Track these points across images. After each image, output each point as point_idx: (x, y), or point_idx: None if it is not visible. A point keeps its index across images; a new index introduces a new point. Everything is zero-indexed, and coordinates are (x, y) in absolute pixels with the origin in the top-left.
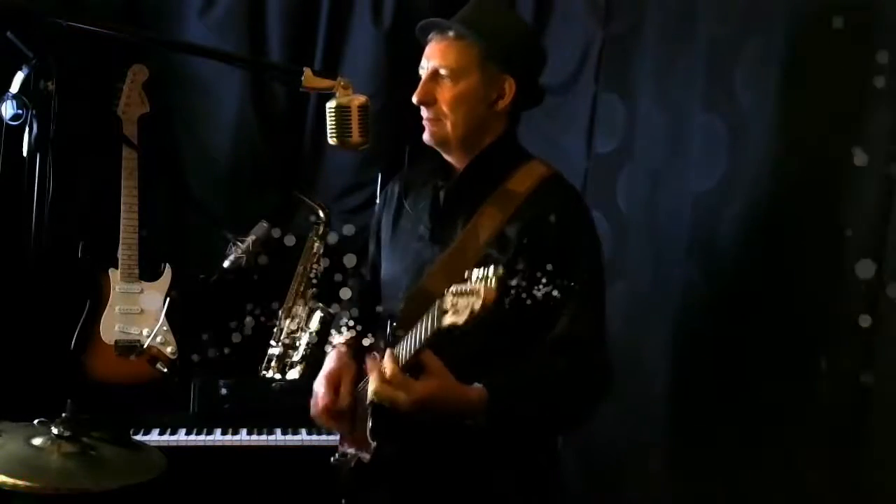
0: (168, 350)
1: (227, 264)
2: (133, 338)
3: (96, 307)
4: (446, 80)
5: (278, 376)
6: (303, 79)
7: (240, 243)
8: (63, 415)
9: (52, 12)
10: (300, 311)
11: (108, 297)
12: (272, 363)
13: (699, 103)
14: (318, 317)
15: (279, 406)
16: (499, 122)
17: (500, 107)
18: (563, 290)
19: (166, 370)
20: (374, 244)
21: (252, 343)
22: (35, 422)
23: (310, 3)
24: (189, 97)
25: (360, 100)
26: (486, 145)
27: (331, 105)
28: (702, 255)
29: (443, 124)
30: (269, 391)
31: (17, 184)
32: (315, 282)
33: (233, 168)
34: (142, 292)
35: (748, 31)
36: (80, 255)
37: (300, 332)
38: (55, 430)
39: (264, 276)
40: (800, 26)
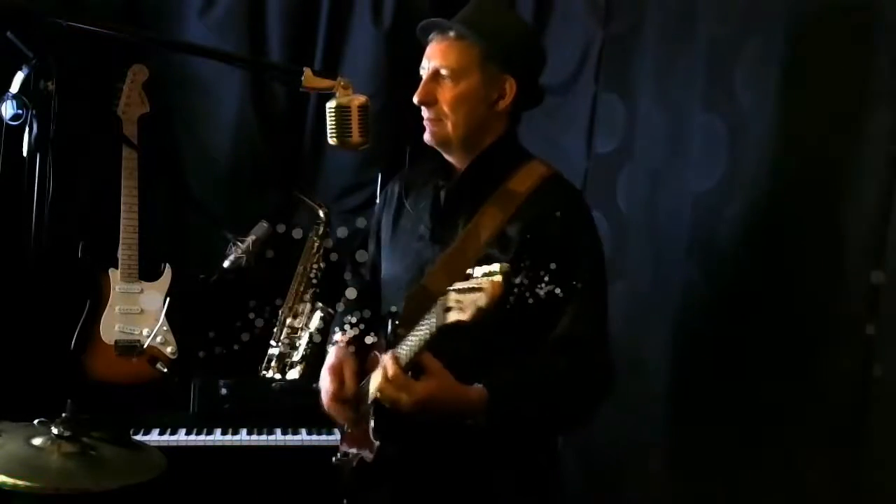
0: (168, 350)
1: (227, 264)
2: (133, 338)
3: (96, 307)
4: (447, 81)
5: (278, 376)
6: (303, 79)
7: (240, 243)
8: (63, 415)
9: (52, 12)
10: (300, 311)
11: (108, 297)
12: (272, 363)
13: (699, 103)
14: (318, 317)
15: (279, 406)
16: (499, 122)
17: (500, 107)
18: (564, 289)
19: (166, 370)
20: (374, 244)
21: (252, 343)
22: (35, 422)
23: (310, 3)
24: (189, 97)
25: (360, 100)
26: (487, 145)
27: (331, 105)
28: (702, 255)
29: (443, 124)
30: (269, 391)
31: (17, 184)
32: (315, 282)
33: (233, 168)
34: (142, 292)
35: (748, 31)
36: (80, 255)
37: (300, 332)
38: (55, 430)
39: (264, 276)
40: (800, 26)
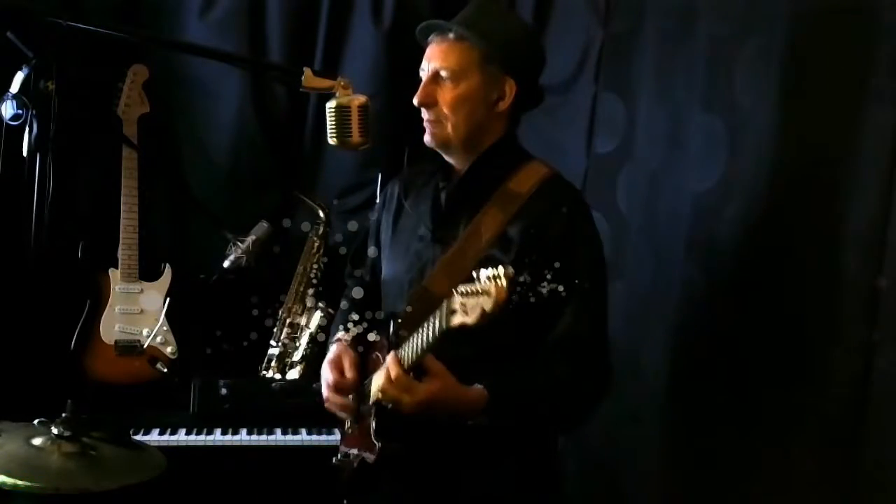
0: (168, 350)
1: (227, 264)
2: (133, 338)
3: (96, 307)
4: (447, 82)
5: (278, 376)
6: (303, 79)
7: (240, 243)
8: (63, 415)
9: (52, 12)
10: (300, 311)
11: (108, 297)
12: (272, 363)
13: (699, 103)
14: (318, 317)
15: (279, 406)
16: (499, 123)
17: (500, 108)
18: (566, 288)
19: (166, 370)
20: (374, 244)
21: (252, 343)
22: (35, 422)
23: (310, 3)
24: (189, 97)
25: (360, 100)
26: (487, 146)
27: (331, 105)
28: (701, 255)
29: (443, 126)
30: (269, 391)
31: (17, 184)
32: (315, 282)
33: (233, 168)
34: (142, 292)
35: (748, 31)
36: (80, 255)
37: (300, 332)
38: (55, 430)
39: (264, 276)
40: (800, 26)
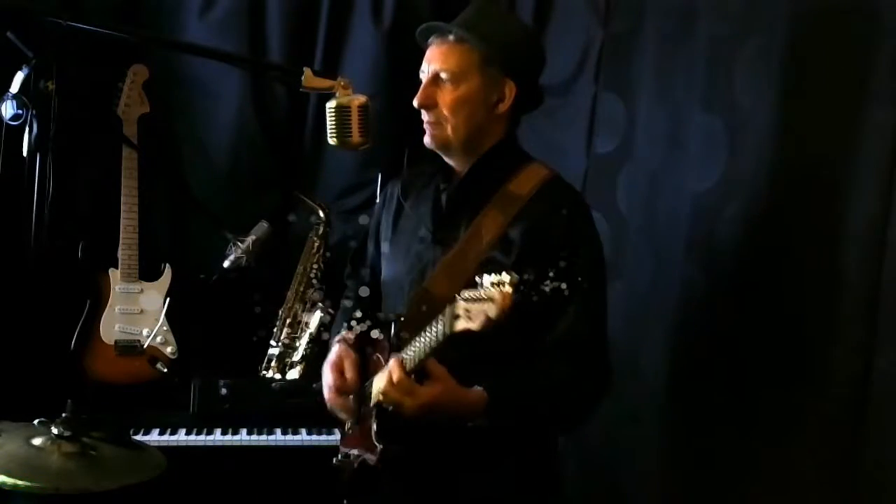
0: (168, 350)
1: (227, 264)
2: (133, 338)
3: (96, 307)
4: (447, 84)
5: (278, 376)
6: (303, 79)
7: (240, 243)
8: (63, 415)
9: (52, 12)
10: (300, 311)
11: (108, 297)
12: (272, 363)
13: (699, 103)
14: (317, 317)
15: (279, 406)
16: (499, 125)
17: (500, 110)
18: (567, 288)
19: (166, 370)
20: (374, 245)
21: (252, 343)
22: (35, 422)
23: (310, 3)
24: (189, 97)
25: (360, 100)
26: (487, 148)
27: (331, 105)
28: (701, 255)
29: (443, 128)
30: (269, 391)
31: (17, 184)
32: (315, 282)
33: (233, 168)
34: (142, 292)
35: (748, 31)
36: (80, 255)
37: (300, 332)
38: (55, 430)
39: (264, 276)
40: (800, 26)
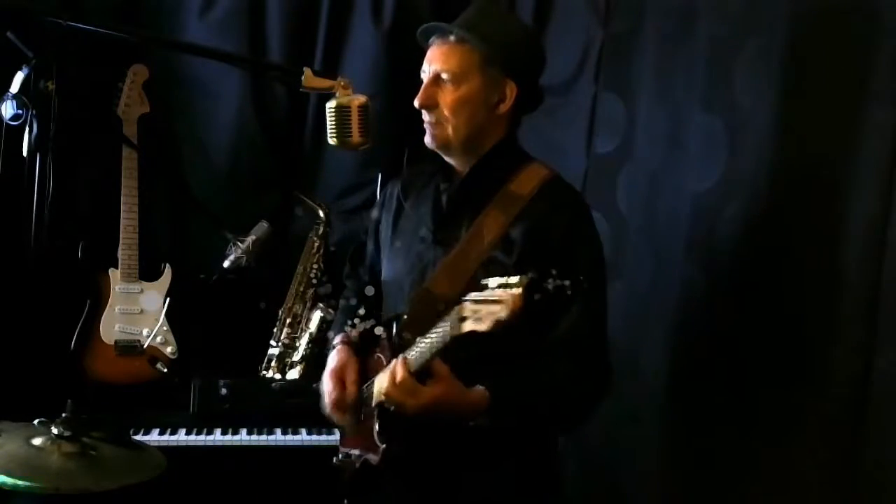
0: (168, 350)
1: (227, 264)
2: (133, 338)
3: (96, 307)
4: (448, 84)
5: (278, 376)
6: (303, 79)
7: (240, 243)
8: (63, 415)
9: (52, 12)
10: (300, 311)
11: (108, 297)
12: (272, 363)
13: (699, 103)
14: (317, 317)
15: (279, 406)
16: (500, 125)
17: (501, 110)
18: (569, 290)
19: (166, 370)
20: (373, 244)
21: (252, 343)
22: (35, 422)
23: (310, 3)
24: (189, 97)
25: (360, 100)
26: (488, 148)
27: (331, 105)
28: (701, 255)
29: (444, 128)
30: (269, 391)
31: (17, 184)
32: (315, 282)
33: (233, 168)
34: (142, 292)
35: (748, 31)
36: (80, 255)
37: (300, 332)
38: (55, 430)
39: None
40: (800, 26)
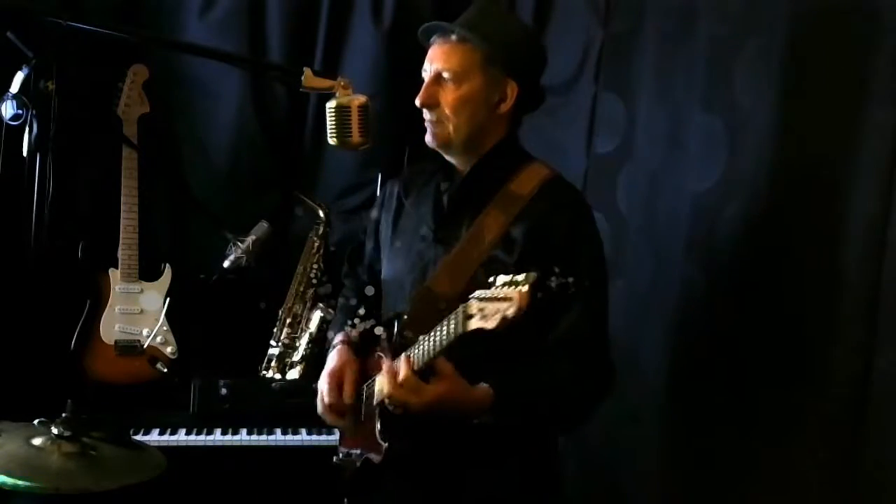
0: (168, 350)
1: (227, 264)
2: (133, 338)
3: (96, 307)
4: (449, 84)
5: (278, 376)
6: (303, 79)
7: (240, 243)
8: (63, 415)
9: (52, 12)
10: (300, 311)
11: (108, 297)
12: (272, 363)
13: (699, 103)
14: (317, 317)
15: (279, 406)
16: (501, 124)
17: (502, 110)
18: (571, 288)
19: (166, 370)
20: (373, 243)
21: (252, 343)
22: (35, 422)
23: (310, 3)
24: (189, 97)
25: (360, 100)
26: (489, 148)
27: (331, 105)
28: (701, 255)
29: (445, 127)
30: (269, 391)
31: (17, 184)
32: (315, 282)
33: (233, 168)
34: (142, 292)
35: (748, 31)
36: (80, 255)
37: (300, 332)
38: (55, 430)
39: (264, 276)
40: (800, 26)
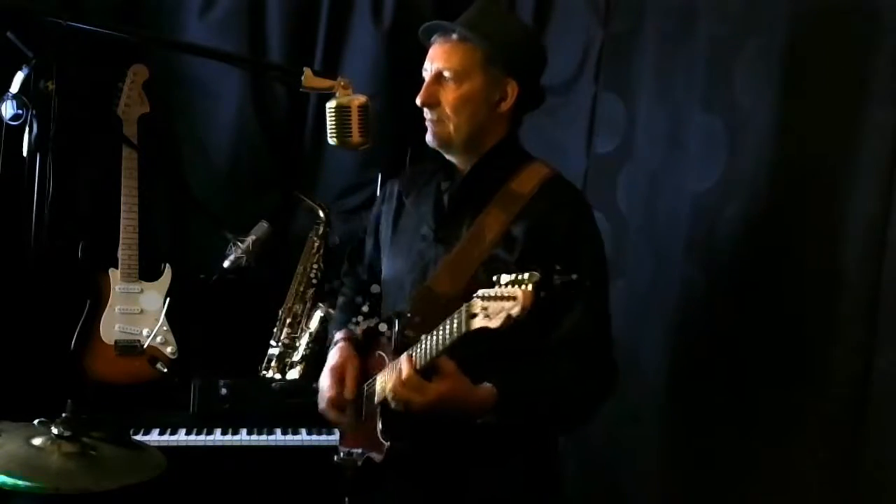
0: (168, 350)
1: (227, 264)
2: (133, 338)
3: (96, 307)
4: (450, 83)
5: (278, 376)
6: (303, 79)
7: (240, 243)
8: (63, 415)
9: (52, 12)
10: (300, 311)
11: (108, 297)
12: (272, 363)
13: (699, 103)
14: (318, 317)
15: (279, 406)
16: (501, 124)
17: (502, 109)
18: (573, 288)
19: (166, 370)
20: (373, 242)
21: (252, 343)
22: (35, 422)
23: (310, 3)
24: (189, 97)
25: (360, 100)
26: (490, 147)
27: (331, 105)
28: (701, 255)
29: (446, 126)
30: (269, 391)
31: (17, 184)
32: (315, 282)
33: (233, 168)
34: (142, 292)
35: (748, 31)
36: (80, 255)
37: (300, 332)
38: (55, 430)
39: (264, 276)
40: (800, 26)
